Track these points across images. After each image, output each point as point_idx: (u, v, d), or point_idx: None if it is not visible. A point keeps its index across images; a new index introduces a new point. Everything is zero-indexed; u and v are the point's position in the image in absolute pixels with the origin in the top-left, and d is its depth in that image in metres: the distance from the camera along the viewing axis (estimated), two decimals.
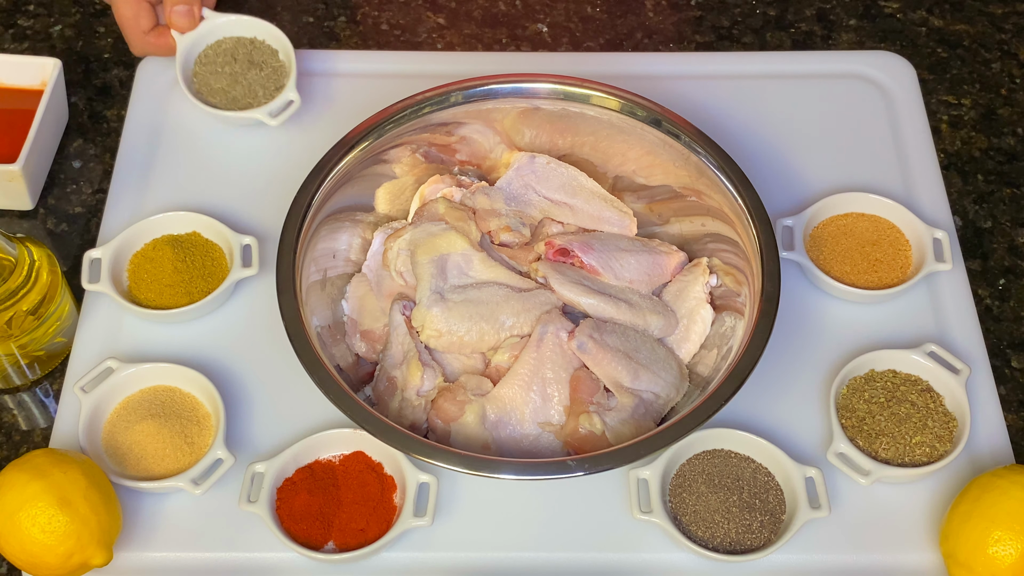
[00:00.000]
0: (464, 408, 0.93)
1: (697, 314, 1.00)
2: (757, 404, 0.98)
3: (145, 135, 1.15)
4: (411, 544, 0.93)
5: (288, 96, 1.12)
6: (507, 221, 1.03)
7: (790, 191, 1.11)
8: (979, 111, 1.20)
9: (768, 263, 0.94)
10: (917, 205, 1.10)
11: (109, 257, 1.03)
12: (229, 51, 1.15)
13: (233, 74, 1.14)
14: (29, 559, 0.87)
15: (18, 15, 1.26)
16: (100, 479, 0.90)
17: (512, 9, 1.28)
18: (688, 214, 1.04)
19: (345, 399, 0.89)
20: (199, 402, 0.98)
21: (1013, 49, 1.25)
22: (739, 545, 0.92)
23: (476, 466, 0.86)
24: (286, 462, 0.94)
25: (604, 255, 1.01)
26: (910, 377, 0.99)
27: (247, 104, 1.13)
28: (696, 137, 1.00)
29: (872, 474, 0.94)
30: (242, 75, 1.14)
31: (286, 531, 0.91)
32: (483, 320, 0.96)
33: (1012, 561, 0.87)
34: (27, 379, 1.02)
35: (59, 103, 1.15)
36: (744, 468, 0.95)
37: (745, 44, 1.25)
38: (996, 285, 1.09)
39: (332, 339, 0.99)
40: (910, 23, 1.27)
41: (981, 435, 0.99)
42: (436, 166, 1.07)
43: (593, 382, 0.94)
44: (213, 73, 1.14)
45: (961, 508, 0.90)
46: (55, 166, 1.15)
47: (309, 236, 0.97)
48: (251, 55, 1.15)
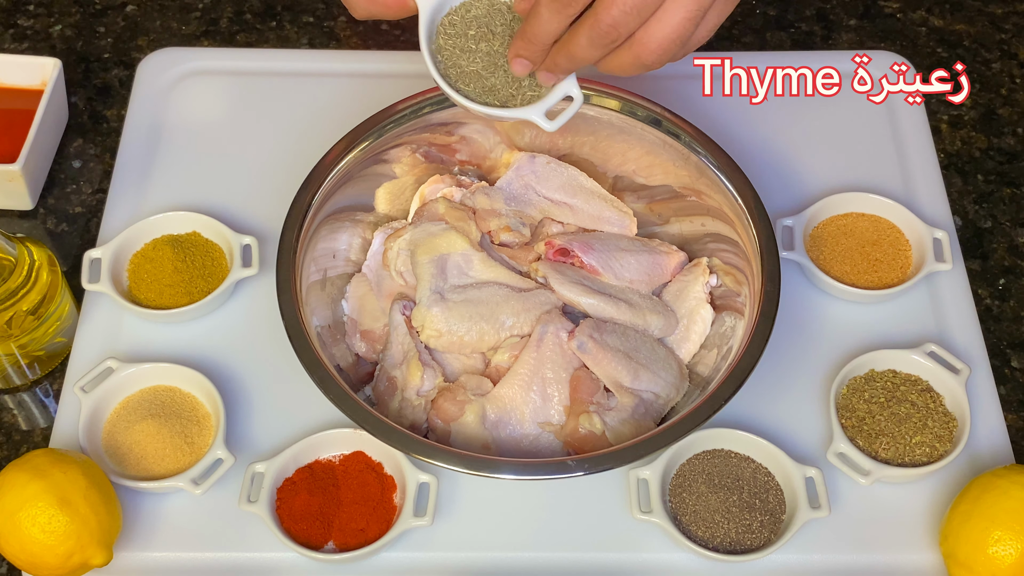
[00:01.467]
0: (464, 408, 0.93)
1: (697, 314, 1.00)
2: (757, 404, 0.98)
3: (145, 135, 1.15)
4: (411, 544, 0.93)
5: (566, 90, 0.87)
6: (507, 221, 1.03)
7: (790, 191, 1.11)
8: (979, 111, 1.20)
9: (768, 263, 0.94)
10: (917, 205, 1.11)
11: (109, 257, 1.03)
12: (483, 20, 0.87)
13: (491, 53, 0.87)
14: (29, 559, 0.87)
15: (18, 15, 1.26)
16: (100, 479, 0.90)
17: None
18: (688, 214, 1.04)
19: (345, 399, 0.89)
20: (199, 402, 0.98)
21: (1013, 49, 1.25)
22: (739, 545, 0.92)
23: (476, 466, 0.86)
24: (286, 462, 0.94)
25: (604, 255, 1.01)
26: (910, 377, 0.99)
27: (508, 97, 0.88)
28: (696, 137, 1.00)
29: (872, 474, 0.94)
30: (501, 55, 0.87)
31: (286, 531, 0.91)
32: (483, 320, 0.96)
33: (1012, 561, 0.87)
34: (27, 379, 1.02)
35: (59, 103, 1.15)
36: (744, 468, 0.95)
37: (745, 44, 1.25)
38: (996, 285, 1.09)
39: (332, 339, 0.99)
40: (910, 23, 1.27)
41: (981, 435, 0.99)
42: (436, 166, 1.07)
43: (593, 382, 0.94)
44: (464, 50, 0.87)
45: (961, 508, 0.90)
46: (55, 166, 1.15)
47: (309, 236, 0.97)
48: (512, 26, 0.87)
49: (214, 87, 1.19)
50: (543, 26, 0.82)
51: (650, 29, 0.80)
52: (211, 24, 1.26)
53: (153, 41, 1.24)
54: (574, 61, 0.84)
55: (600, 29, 0.80)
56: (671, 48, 0.81)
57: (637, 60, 0.82)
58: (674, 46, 0.81)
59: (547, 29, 0.82)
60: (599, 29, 0.80)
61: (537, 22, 0.82)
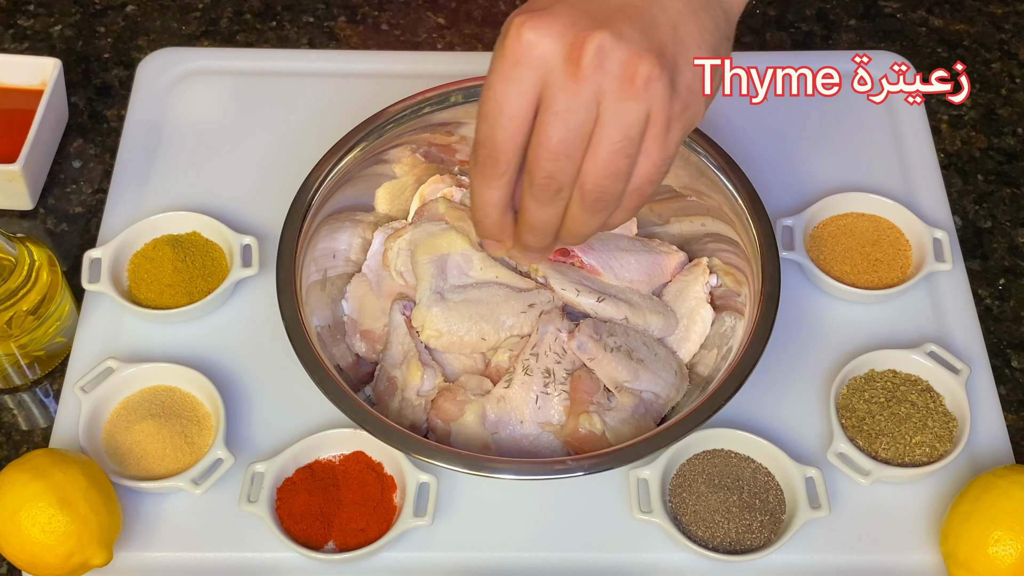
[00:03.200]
0: (464, 408, 0.93)
1: (697, 314, 1.00)
2: (757, 404, 0.98)
3: (145, 135, 1.15)
4: (411, 544, 0.93)
5: None
6: None
7: (790, 191, 1.11)
8: (979, 111, 1.20)
9: (768, 263, 0.94)
10: (917, 205, 1.10)
11: (109, 257, 1.03)
12: None
13: None
14: (29, 559, 0.87)
15: (18, 15, 1.26)
16: (100, 479, 0.90)
17: (512, 9, 1.28)
18: (688, 214, 1.04)
19: (345, 399, 0.89)
20: (199, 402, 0.98)
21: (1013, 49, 1.25)
22: (739, 545, 0.92)
23: (476, 466, 0.86)
24: (286, 462, 0.94)
25: (604, 255, 1.01)
26: (910, 377, 0.99)
27: None
28: (696, 137, 1.00)
29: (872, 474, 0.94)
30: None
31: (286, 531, 0.91)
32: (483, 320, 0.96)
33: (1012, 561, 0.87)
34: (27, 379, 1.02)
35: (59, 103, 1.15)
36: (744, 468, 0.95)
37: (745, 44, 1.25)
38: (996, 285, 1.09)
39: (332, 339, 0.99)
40: (910, 23, 1.27)
41: (981, 435, 0.99)
42: (436, 166, 1.07)
43: (593, 382, 0.94)
44: None
45: (961, 508, 0.90)
46: (55, 166, 1.15)
47: (309, 236, 0.97)
48: None
49: (214, 87, 1.19)
50: (480, 196, 0.77)
51: (584, 167, 0.73)
52: (211, 24, 1.26)
53: (153, 41, 1.24)
54: (537, 232, 0.78)
55: (538, 185, 0.74)
56: (606, 183, 0.73)
57: (585, 209, 0.75)
58: (608, 180, 0.73)
59: (485, 198, 0.77)
60: (537, 185, 0.74)
61: (474, 195, 0.78)
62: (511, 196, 0.77)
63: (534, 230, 0.78)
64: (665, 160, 0.74)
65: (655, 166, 0.74)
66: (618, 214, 0.77)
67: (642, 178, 0.75)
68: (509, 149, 0.74)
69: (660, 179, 0.76)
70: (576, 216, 0.76)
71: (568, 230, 0.78)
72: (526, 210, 0.77)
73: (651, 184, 0.75)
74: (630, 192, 0.75)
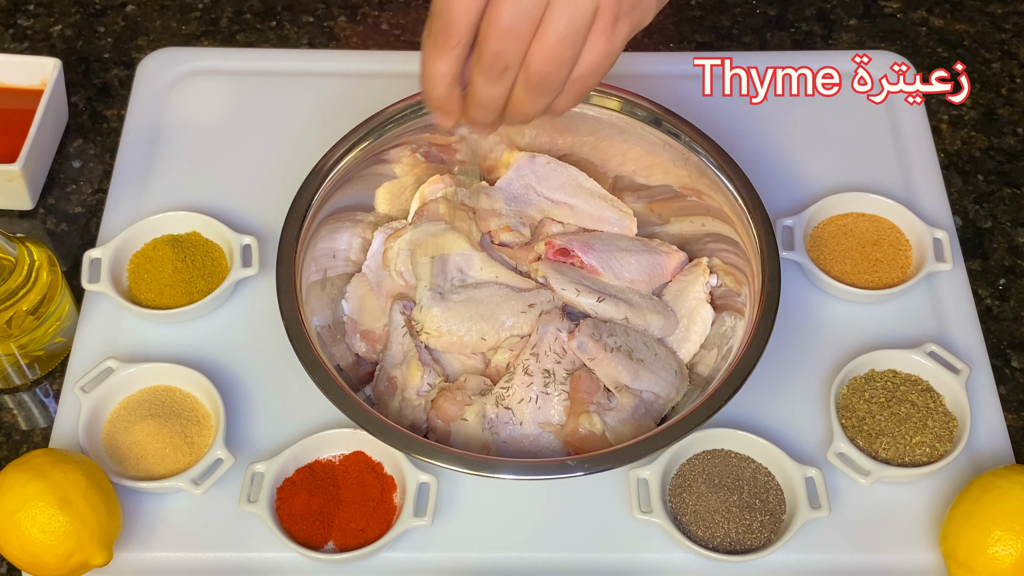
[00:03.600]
0: (464, 408, 0.93)
1: (697, 314, 1.00)
2: (757, 404, 0.98)
3: (145, 135, 1.15)
4: (411, 544, 0.93)
5: None
6: (507, 221, 1.03)
7: (790, 191, 1.11)
8: (979, 111, 1.20)
9: (768, 263, 0.94)
10: (917, 205, 1.10)
11: (109, 257, 1.03)
12: None
13: None
14: (29, 559, 0.87)
15: (18, 15, 1.26)
16: (100, 479, 0.90)
17: None
18: (688, 214, 1.04)
19: (345, 399, 0.89)
20: (199, 402, 0.98)
21: (1013, 49, 1.25)
22: (739, 545, 0.92)
23: (476, 466, 0.86)
24: (286, 462, 0.94)
25: (604, 255, 1.01)
26: (910, 377, 0.99)
27: None
28: (696, 137, 1.00)
29: (872, 474, 0.94)
30: None
31: (286, 531, 0.91)
32: (483, 320, 0.96)
33: (1012, 561, 0.87)
34: (27, 379, 1.02)
35: (59, 103, 1.15)
36: (744, 468, 0.95)
37: (745, 44, 1.25)
38: (996, 285, 1.09)
39: (332, 339, 0.99)
40: (910, 23, 1.27)
41: (981, 435, 0.99)
42: (436, 166, 1.07)
43: (593, 382, 0.94)
44: None
45: (961, 508, 0.90)
46: (55, 166, 1.15)
47: (309, 236, 0.97)
48: None
49: (214, 87, 1.19)
50: (430, 67, 0.80)
51: (530, 51, 0.76)
52: (211, 24, 1.26)
53: (153, 41, 1.24)
54: (483, 106, 0.80)
55: (485, 62, 0.77)
56: (550, 68, 0.76)
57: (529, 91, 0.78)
58: (552, 66, 0.76)
59: (434, 69, 0.79)
60: (484, 62, 0.77)
61: (424, 65, 0.80)
62: (460, 70, 0.79)
63: (480, 105, 0.80)
64: (609, 54, 0.77)
65: (599, 58, 0.77)
66: (561, 100, 0.79)
67: (585, 68, 0.77)
68: (462, 24, 0.76)
69: (603, 73, 0.78)
70: (520, 96, 0.79)
71: (513, 108, 0.80)
72: (474, 85, 0.79)
73: (594, 75, 0.78)
74: (573, 80, 0.78)
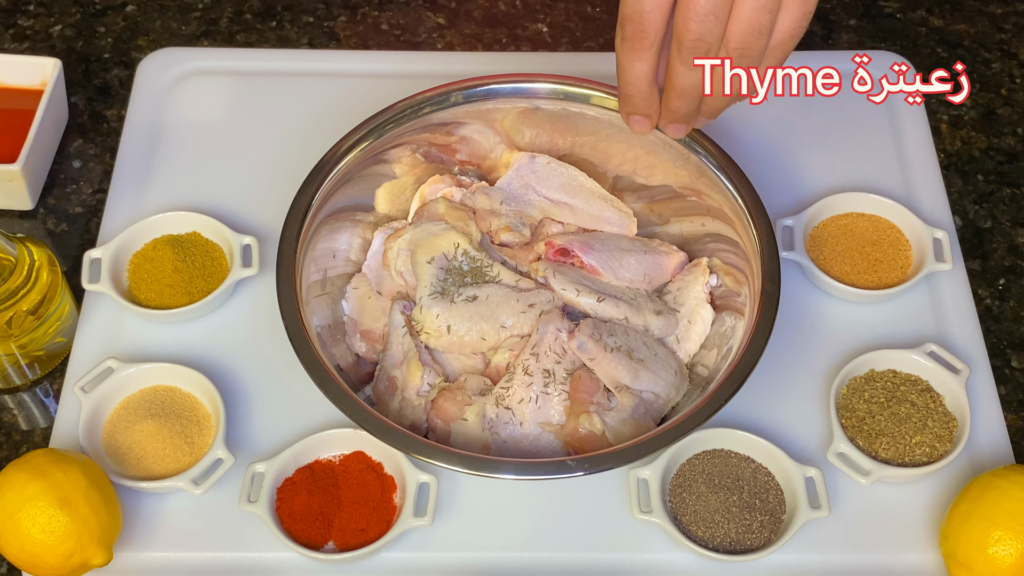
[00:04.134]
0: (464, 408, 0.93)
1: (697, 314, 1.00)
2: (757, 404, 0.98)
3: (145, 135, 1.15)
4: (411, 544, 0.93)
5: None
6: (507, 221, 1.03)
7: (790, 191, 1.11)
8: (979, 111, 1.20)
9: (768, 263, 0.94)
10: (917, 205, 1.11)
11: (109, 257, 1.03)
12: None
13: None
14: (29, 559, 0.87)
15: (18, 15, 1.26)
16: (100, 479, 0.90)
17: (512, 9, 1.28)
18: (688, 214, 1.04)
19: (345, 399, 0.89)
20: (199, 402, 0.98)
21: (1013, 49, 1.25)
22: (739, 545, 0.92)
23: (476, 466, 0.86)
24: (286, 462, 0.94)
25: (604, 255, 1.01)
26: (910, 377, 0.99)
27: None
28: (696, 137, 1.00)
29: (872, 474, 0.94)
30: None
31: (286, 531, 0.91)
32: (483, 320, 0.96)
33: (1012, 561, 0.87)
34: (27, 379, 1.02)
35: (59, 103, 1.15)
36: (744, 468, 0.95)
37: None
38: (996, 285, 1.09)
39: (332, 339, 0.99)
40: (910, 23, 1.27)
41: (981, 435, 0.99)
42: (436, 166, 1.07)
43: (593, 382, 0.94)
44: None
45: (961, 508, 0.90)
46: (55, 166, 1.15)
47: (309, 236, 0.97)
48: None
49: (214, 87, 1.19)
50: (629, 71, 0.82)
51: (729, 26, 0.79)
52: (211, 24, 1.26)
53: (153, 41, 1.24)
54: (685, 96, 0.82)
55: (687, 48, 0.79)
56: (750, 39, 0.79)
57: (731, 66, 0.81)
58: (752, 36, 0.78)
59: (634, 71, 0.82)
60: (686, 48, 0.79)
61: (622, 70, 0.83)
62: (656, 69, 0.81)
63: (682, 94, 0.82)
64: (806, 14, 0.79)
65: (796, 21, 0.79)
66: (761, 71, 0.81)
67: (784, 33, 0.79)
68: (656, 19, 0.78)
69: (801, 33, 0.80)
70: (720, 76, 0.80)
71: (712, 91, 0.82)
72: (674, 75, 0.81)
73: (792, 39, 0.80)
74: (772, 48, 0.80)
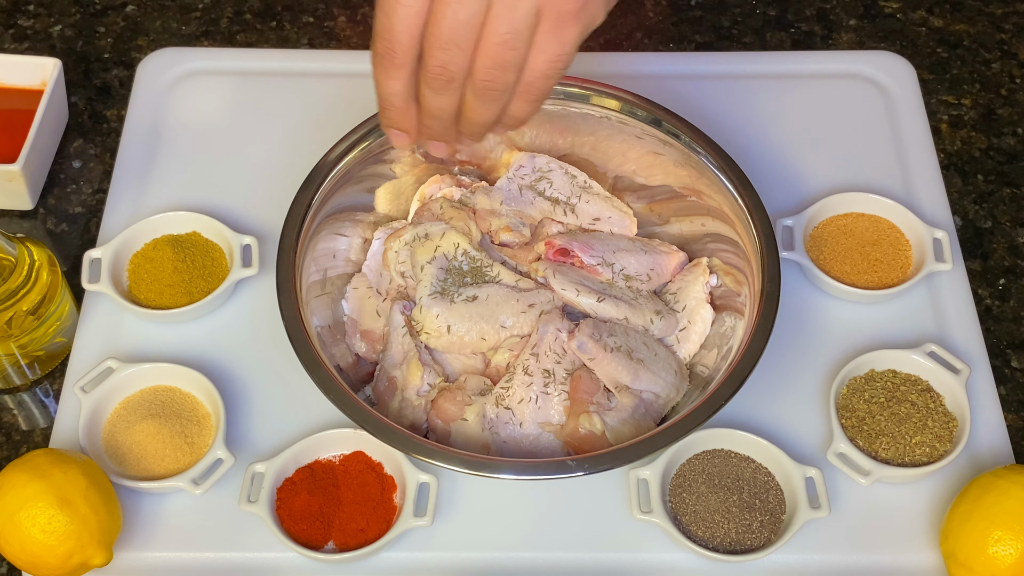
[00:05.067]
0: (464, 408, 0.93)
1: (697, 314, 1.00)
2: (757, 404, 0.98)
3: (145, 135, 1.15)
4: (411, 544, 0.93)
5: None
6: (507, 221, 1.03)
7: (790, 191, 1.11)
8: (979, 111, 1.20)
9: (768, 263, 0.94)
10: (917, 205, 1.11)
11: (109, 257, 1.03)
12: None
13: None
14: (29, 559, 0.87)
15: (18, 15, 1.26)
16: (100, 479, 0.90)
17: None
18: (688, 214, 1.04)
19: (345, 399, 0.89)
20: (199, 402, 0.98)
21: (1013, 49, 1.25)
22: (739, 545, 0.92)
23: (476, 466, 0.86)
24: (286, 462, 0.94)
25: (604, 255, 1.01)
26: (910, 377, 0.99)
27: None
28: (696, 137, 1.00)
29: (872, 474, 0.94)
30: None
31: (286, 531, 0.91)
32: (483, 320, 0.96)
33: (1012, 561, 0.87)
34: (27, 379, 1.02)
35: (59, 103, 1.15)
36: (744, 468, 0.95)
37: (745, 44, 1.25)
38: (996, 285, 1.09)
39: (332, 339, 0.99)
40: (910, 23, 1.27)
41: (981, 435, 0.99)
42: (436, 166, 1.07)
43: (593, 382, 0.94)
44: None
45: (961, 508, 0.90)
46: (55, 166, 1.15)
47: (309, 236, 0.97)
48: None
49: (214, 87, 1.19)
50: (382, 87, 0.80)
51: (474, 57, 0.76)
52: (211, 24, 1.26)
53: (153, 41, 1.24)
54: (435, 118, 0.80)
55: (431, 74, 0.77)
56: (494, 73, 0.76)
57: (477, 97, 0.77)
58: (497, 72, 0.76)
59: (387, 89, 0.80)
60: (430, 74, 0.77)
61: (377, 84, 0.80)
62: (412, 86, 0.79)
63: (432, 116, 0.80)
64: (560, 56, 0.76)
65: (549, 61, 0.76)
66: (516, 106, 0.79)
67: (537, 72, 0.77)
68: (405, 40, 0.76)
69: (556, 76, 0.77)
70: (471, 104, 0.78)
71: (465, 118, 0.80)
72: (422, 97, 0.79)
73: (545, 79, 0.77)
74: (527, 84, 0.77)
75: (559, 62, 0.77)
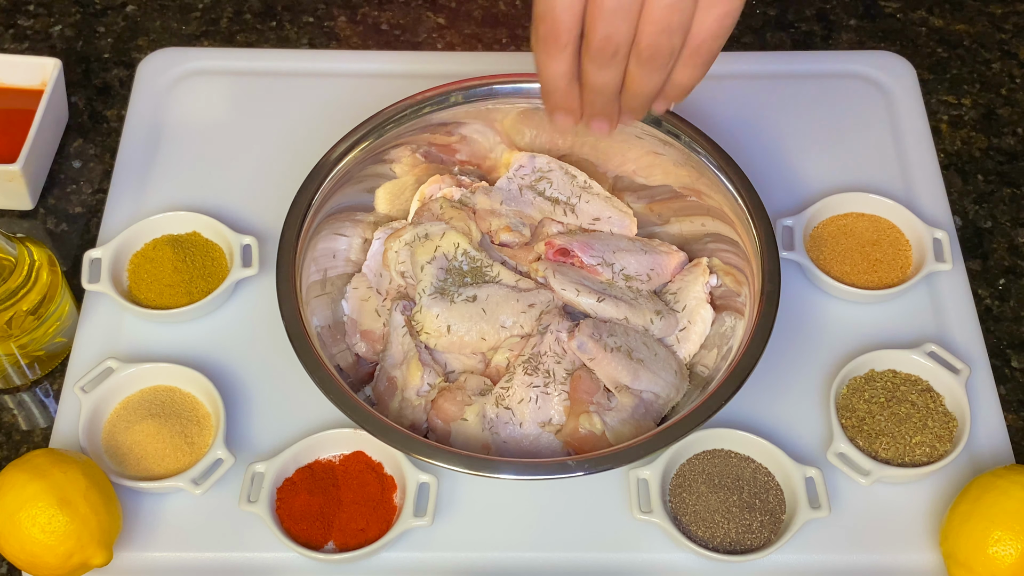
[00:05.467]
0: (464, 408, 0.93)
1: (697, 314, 1.00)
2: (757, 404, 0.98)
3: (145, 135, 1.15)
4: (411, 544, 0.93)
5: None
6: (507, 221, 1.03)
7: (790, 191, 1.11)
8: (979, 111, 1.20)
9: (768, 263, 0.94)
10: (917, 205, 1.11)
11: (109, 257, 1.03)
12: None
13: None
14: (29, 559, 0.87)
15: (18, 15, 1.26)
16: (100, 479, 0.90)
17: (512, 9, 1.28)
18: (688, 214, 1.04)
19: (345, 399, 0.89)
20: (199, 402, 0.98)
21: (1013, 49, 1.25)
22: (739, 545, 0.92)
23: (476, 466, 0.86)
24: (286, 462, 0.94)
25: (604, 255, 1.01)
26: (910, 377, 0.99)
27: None
28: (696, 137, 1.00)
29: (872, 474, 0.94)
30: None
31: (286, 531, 0.91)
32: (483, 320, 0.96)
33: (1012, 561, 0.87)
34: (27, 379, 1.02)
35: (59, 103, 1.15)
36: (744, 468, 0.95)
37: (745, 44, 1.25)
38: (996, 285, 1.09)
39: (332, 339, 0.99)
40: (910, 23, 1.27)
41: (981, 435, 0.99)
42: (436, 166, 1.07)
43: (593, 382, 0.94)
44: None
45: (961, 508, 0.90)
46: (55, 166, 1.15)
47: (309, 236, 0.97)
48: None
49: (214, 87, 1.19)
50: (546, 70, 0.78)
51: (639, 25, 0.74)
52: (211, 24, 1.26)
53: (153, 41, 1.24)
54: (599, 93, 0.79)
55: (595, 48, 0.75)
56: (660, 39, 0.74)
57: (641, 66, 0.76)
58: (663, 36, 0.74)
59: (551, 71, 0.78)
60: (594, 48, 0.75)
61: (539, 68, 0.79)
62: (575, 65, 0.78)
63: (596, 92, 0.78)
64: (730, 12, 0.73)
65: (719, 19, 0.74)
66: (681, 72, 0.76)
67: (706, 32, 0.74)
68: (567, 19, 0.74)
69: (726, 34, 0.74)
70: (635, 76, 0.76)
71: (629, 91, 0.78)
72: (586, 74, 0.77)
73: (715, 38, 0.74)
74: (694, 48, 0.75)
75: (728, 19, 0.74)
